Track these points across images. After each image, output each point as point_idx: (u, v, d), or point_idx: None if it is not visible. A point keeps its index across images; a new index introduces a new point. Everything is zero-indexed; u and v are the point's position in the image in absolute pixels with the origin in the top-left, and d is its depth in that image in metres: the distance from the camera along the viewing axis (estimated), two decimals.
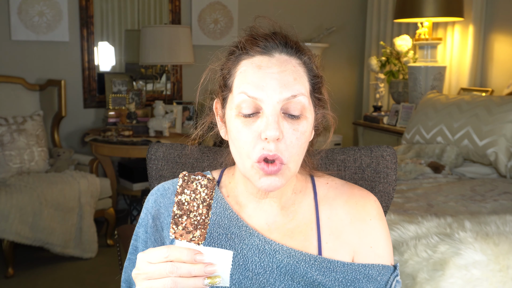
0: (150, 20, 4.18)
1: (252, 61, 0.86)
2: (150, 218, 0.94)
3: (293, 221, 0.94)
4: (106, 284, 2.87)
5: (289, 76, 0.84)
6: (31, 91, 3.61)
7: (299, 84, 0.85)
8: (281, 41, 0.88)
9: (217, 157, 1.17)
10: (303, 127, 0.85)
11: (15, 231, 2.83)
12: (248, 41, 0.88)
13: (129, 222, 3.35)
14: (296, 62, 0.87)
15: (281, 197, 0.94)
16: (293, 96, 0.83)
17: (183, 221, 0.73)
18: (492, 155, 2.76)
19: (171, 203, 0.93)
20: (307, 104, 0.85)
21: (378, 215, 0.96)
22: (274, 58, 0.86)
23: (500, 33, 3.75)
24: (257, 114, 0.84)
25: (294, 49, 0.88)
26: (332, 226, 0.94)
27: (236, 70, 0.88)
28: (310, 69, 0.89)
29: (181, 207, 0.74)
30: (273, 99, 0.82)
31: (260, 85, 0.83)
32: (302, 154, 0.87)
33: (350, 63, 5.04)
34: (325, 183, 0.99)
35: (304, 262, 0.89)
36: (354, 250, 0.93)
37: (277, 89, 0.83)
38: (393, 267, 0.94)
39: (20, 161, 3.20)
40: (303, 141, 0.85)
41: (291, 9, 4.64)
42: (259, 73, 0.84)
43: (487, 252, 1.53)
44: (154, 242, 0.92)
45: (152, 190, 0.97)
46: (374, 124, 4.13)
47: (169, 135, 3.67)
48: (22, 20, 3.62)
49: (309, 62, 0.90)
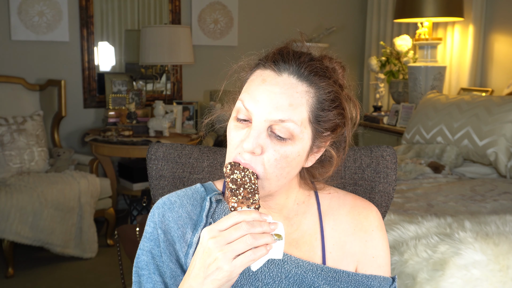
0: (150, 20, 4.18)
1: (262, 73, 0.88)
2: (161, 233, 0.91)
3: (297, 231, 0.95)
4: (106, 284, 2.87)
5: (286, 100, 0.84)
6: (31, 91, 3.61)
7: (292, 111, 0.84)
8: (296, 62, 0.86)
9: (217, 157, 1.17)
10: (287, 151, 0.85)
11: (15, 231, 2.83)
12: (271, 53, 0.90)
13: (129, 222, 3.35)
14: (302, 89, 0.85)
15: (281, 210, 0.95)
16: (281, 120, 0.83)
17: (240, 192, 0.82)
18: (492, 155, 2.76)
19: (179, 216, 0.92)
20: (297, 132, 0.84)
21: (380, 226, 0.98)
22: (281, 77, 0.86)
23: (500, 33, 3.75)
24: (248, 122, 0.86)
25: (306, 75, 0.86)
26: (336, 236, 0.96)
27: (249, 78, 0.91)
28: (319, 101, 0.86)
29: (235, 183, 0.82)
30: (262, 116, 0.84)
31: (256, 99, 0.85)
32: (284, 176, 0.87)
33: (350, 63, 5.04)
34: (327, 193, 1.00)
35: (311, 272, 0.91)
36: (357, 260, 0.96)
37: (268, 109, 0.84)
38: (392, 279, 0.97)
39: (20, 161, 3.20)
40: (283, 164, 0.85)
41: (291, 9, 4.64)
42: (261, 87, 0.86)
43: (487, 252, 1.53)
44: (169, 255, 0.90)
45: (157, 203, 0.94)
46: (374, 124, 4.12)
47: (169, 135, 3.67)
48: (22, 20, 3.62)
49: (320, 94, 0.86)
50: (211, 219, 0.93)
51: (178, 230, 0.91)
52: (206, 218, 0.92)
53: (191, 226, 0.92)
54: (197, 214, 0.94)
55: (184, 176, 1.16)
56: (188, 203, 0.94)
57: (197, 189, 0.97)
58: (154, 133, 3.65)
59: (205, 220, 0.92)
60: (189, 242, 0.91)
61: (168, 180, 1.15)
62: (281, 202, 0.94)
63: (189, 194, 0.96)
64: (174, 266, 0.91)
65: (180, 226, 0.91)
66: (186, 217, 0.92)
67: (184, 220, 0.92)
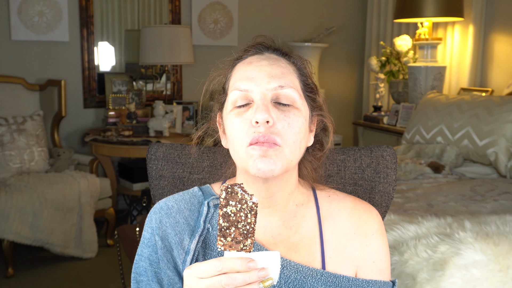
0: (150, 20, 4.18)
1: (244, 61, 0.92)
2: (159, 239, 0.90)
3: (296, 234, 0.94)
4: (106, 284, 2.87)
5: (277, 69, 0.89)
6: (31, 91, 3.61)
7: (287, 78, 0.89)
8: (271, 45, 0.95)
9: (217, 157, 1.17)
10: (295, 115, 0.87)
11: (15, 231, 2.83)
12: (242, 50, 0.95)
13: (129, 222, 3.35)
14: (285, 61, 0.92)
15: (285, 206, 0.93)
16: (281, 86, 0.87)
17: (231, 232, 0.73)
18: (492, 155, 2.76)
19: (177, 222, 0.91)
20: (297, 98, 0.88)
21: (380, 230, 0.97)
22: (264, 55, 0.93)
23: (500, 33, 3.75)
24: (249, 105, 0.87)
25: (283, 52, 0.94)
26: (335, 240, 0.95)
27: (231, 74, 0.93)
28: (300, 69, 0.94)
29: (227, 219, 0.73)
30: (262, 87, 0.87)
31: (250, 77, 0.88)
32: (298, 146, 0.87)
33: (350, 63, 5.04)
34: (326, 196, 0.99)
35: (311, 277, 0.90)
36: (357, 265, 0.94)
37: (266, 79, 0.87)
38: (392, 282, 0.96)
39: (20, 161, 3.20)
40: (296, 129, 0.86)
41: (291, 9, 4.64)
42: (250, 67, 0.90)
43: (487, 252, 1.53)
44: (167, 262, 0.90)
45: (154, 208, 0.94)
46: (374, 124, 4.12)
47: (169, 135, 3.67)
48: (22, 20, 3.62)
49: (299, 64, 0.94)
50: (209, 224, 0.92)
51: (175, 236, 0.90)
52: (204, 224, 0.91)
53: (188, 232, 0.91)
54: (194, 219, 0.92)
55: (184, 176, 1.16)
56: (185, 208, 0.93)
57: (194, 193, 0.96)
58: (154, 133, 3.65)
59: (203, 225, 0.91)
60: (187, 249, 0.90)
61: (168, 180, 1.15)
62: (284, 196, 0.92)
63: (187, 198, 0.95)
64: (171, 273, 0.90)
65: (178, 233, 0.90)
66: (184, 223, 0.91)
67: (181, 226, 0.91)
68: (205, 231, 0.91)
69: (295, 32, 4.64)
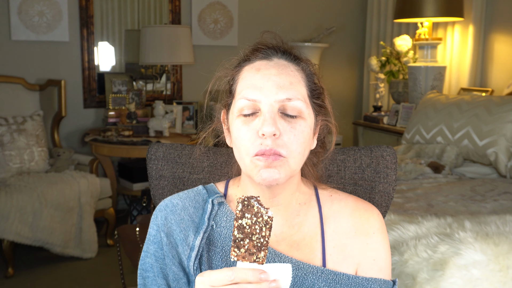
0: (150, 20, 4.18)
1: (253, 65, 0.92)
2: (164, 236, 0.93)
3: (298, 233, 0.95)
4: (106, 284, 2.87)
5: (285, 79, 0.88)
6: (31, 91, 3.61)
7: (294, 89, 0.88)
8: (280, 48, 0.93)
9: (217, 157, 1.17)
10: (301, 126, 0.88)
11: (15, 231, 2.83)
12: (250, 50, 0.94)
13: (129, 222, 3.35)
14: (294, 68, 0.92)
15: (287, 206, 0.95)
16: (288, 99, 0.87)
17: (245, 244, 0.74)
18: (492, 155, 2.76)
19: (182, 219, 0.93)
20: (304, 109, 0.89)
21: (381, 229, 0.98)
22: (272, 61, 0.91)
23: (500, 33, 3.75)
24: (255, 114, 0.88)
25: (292, 56, 0.93)
26: (336, 239, 0.96)
27: (238, 77, 0.93)
28: (308, 75, 0.93)
29: (242, 231, 0.74)
30: (270, 99, 0.87)
31: (258, 86, 0.88)
32: (303, 154, 0.89)
33: (350, 63, 5.04)
34: (328, 196, 1.00)
35: (312, 274, 0.92)
36: (357, 263, 0.95)
37: (274, 90, 0.87)
38: (392, 282, 0.96)
39: (20, 161, 3.20)
40: (301, 140, 0.87)
41: (291, 9, 4.64)
42: (258, 75, 0.89)
43: (487, 252, 1.53)
44: (172, 258, 0.92)
45: (159, 206, 0.96)
46: (374, 124, 4.13)
47: (169, 135, 3.67)
48: (22, 20, 3.62)
49: (307, 69, 0.94)
50: (213, 221, 0.94)
51: (180, 233, 0.92)
52: (208, 221, 0.93)
53: (193, 229, 0.93)
54: (199, 216, 0.94)
55: (184, 176, 1.16)
56: (190, 206, 0.95)
57: (199, 191, 0.98)
58: (154, 133, 3.65)
59: (207, 222, 0.92)
60: (191, 245, 0.91)
61: (168, 180, 1.15)
62: (287, 197, 0.94)
63: (191, 196, 0.97)
64: (176, 269, 0.92)
65: (183, 229, 0.92)
66: (188, 220, 0.93)
67: (186, 223, 0.93)
68: (209, 228, 0.93)
69: (295, 32, 4.64)
